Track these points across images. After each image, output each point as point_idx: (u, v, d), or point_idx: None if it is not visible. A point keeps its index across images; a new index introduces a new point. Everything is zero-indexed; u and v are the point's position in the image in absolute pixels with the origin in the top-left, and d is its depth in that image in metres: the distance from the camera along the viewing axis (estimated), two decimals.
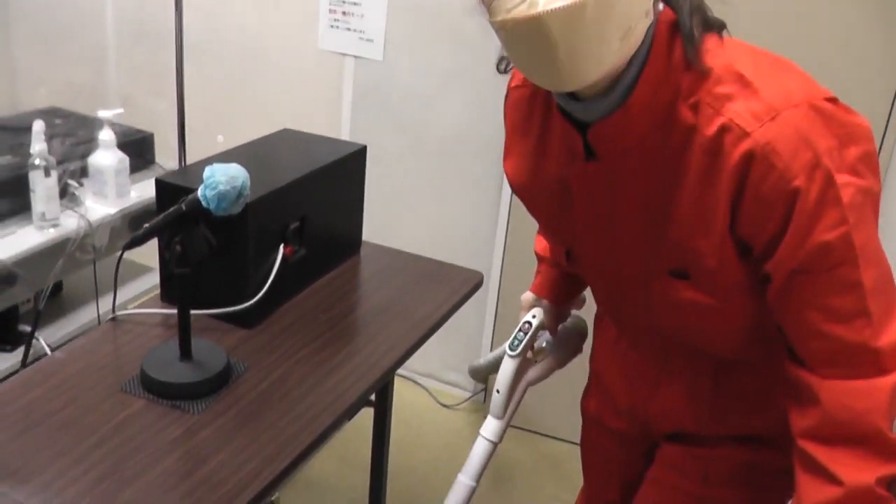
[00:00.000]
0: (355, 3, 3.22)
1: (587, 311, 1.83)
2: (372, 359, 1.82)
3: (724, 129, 1.15)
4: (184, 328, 1.65)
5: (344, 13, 3.25)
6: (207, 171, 1.57)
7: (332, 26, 3.29)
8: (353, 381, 1.73)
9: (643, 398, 1.58)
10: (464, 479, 1.70)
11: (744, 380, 1.45)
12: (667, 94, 1.19)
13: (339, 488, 2.88)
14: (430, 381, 3.48)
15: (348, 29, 3.26)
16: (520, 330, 1.71)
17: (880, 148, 2.58)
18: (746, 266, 1.23)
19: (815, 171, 1.11)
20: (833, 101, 1.16)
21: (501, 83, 2.94)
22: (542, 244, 1.80)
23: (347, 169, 2.16)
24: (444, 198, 3.29)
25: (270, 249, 1.90)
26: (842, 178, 1.12)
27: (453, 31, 3.09)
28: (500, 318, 3.23)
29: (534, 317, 1.72)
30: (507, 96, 1.56)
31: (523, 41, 1.09)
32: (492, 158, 3.12)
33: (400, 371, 3.17)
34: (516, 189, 1.54)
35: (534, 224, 2.99)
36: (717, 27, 1.22)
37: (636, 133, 1.22)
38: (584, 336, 1.85)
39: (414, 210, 3.36)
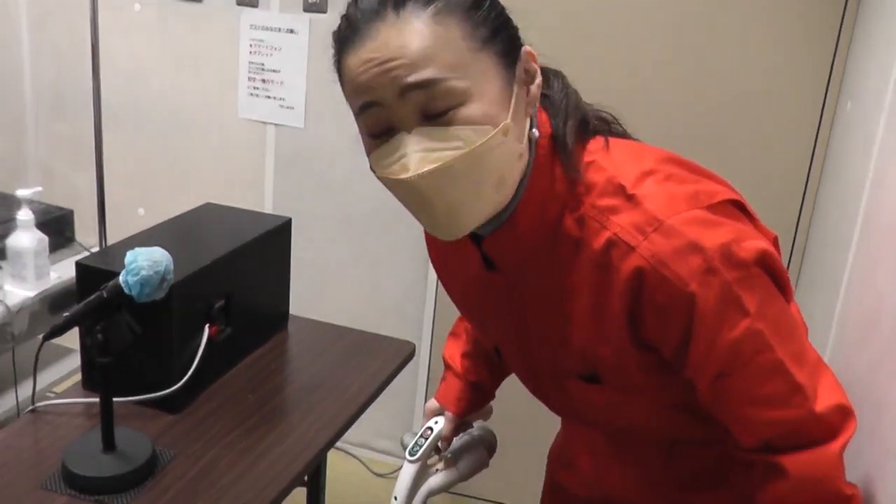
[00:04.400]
0: (274, 71, 3.22)
1: None
2: (305, 439, 1.78)
3: (610, 244, 1.15)
4: (106, 419, 1.60)
5: (263, 80, 3.24)
6: (129, 256, 1.53)
7: (251, 94, 3.28)
8: (285, 464, 1.69)
9: (603, 471, 1.55)
10: None
11: (696, 457, 1.42)
12: (552, 209, 1.19)
13: None
14: (362, 450, 3.43)
15: (268, 97, 3.25)
16: (420, 436, 1.68)
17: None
18: (655, 365, 1.23)
19: (706, 275, 1.11)
20: (723, 203, 1.17)
21: None
22: (450, 350, 1.77)
23: (272, 243, 2.13)
24: (371, 265, 3.27)
25: (195, 330, 1.86)
26: (733, 274, 1.11)
27: None
28: (431, 384, 3.21)
29: (435, 422, 1.69)
30: None
31: (402, 195, 1.15)
32: (418, 224, 3.12)
33: None
34: (446, 288, 1.52)
35: None
36: (599, 131, 1.24)
37: (526, 246, 1.22)
38: (492, 449, 1.79)
39: (341, 279, 3.33)
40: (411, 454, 1.64)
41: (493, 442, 1.79)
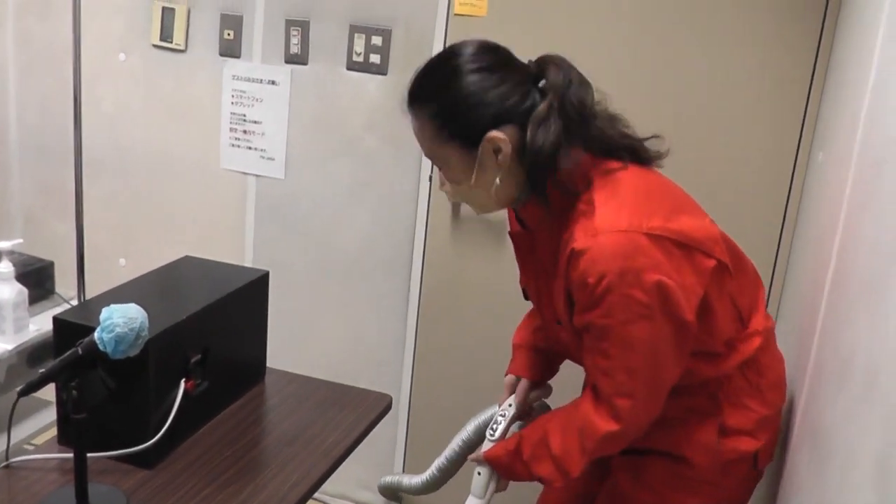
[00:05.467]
0: (256, 122, 3.25)
1: None
2: (280, 492, 1.78)
3: (570, 233, 1.64)
4: (80, 475, 1.60)
5: (245, 131, 3.27)
6: (105, 313, 1.54)
7: (232, 145, 3.30)
8: None
9: None
10: None
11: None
12: (560, 201, 1.68)
13: None
14: (342, 502, 3.41)
15: (249, 147, 3.28)
16: (500, 414, 1.94)
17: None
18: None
19: (602, 279, 1.57)
20: (658, 237, 1.60)
21: (404, 197, 3.00)
22: (518, 335, 2.15)
23: (250, 296, 2.14)
24: (351, 316, 3.28)
25: (171, 385, 1.86)
26: (622, 291, 1.58)
27: (354, 147, 3.12)
28: (411, 434, 3.21)
29: (510, 405, 1.95)
30: None
31: None
32: (398, 272, 3.13)
33: None
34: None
35: (442, 339, 3.00)
36: (617, 157, 1.73)
37: (536, 218, 1.76)
38: None
39: (321, 329, 3.33)
40: (491, 433, 1.90)
41: None
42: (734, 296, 1.80)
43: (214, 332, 1.99)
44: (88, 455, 1.61)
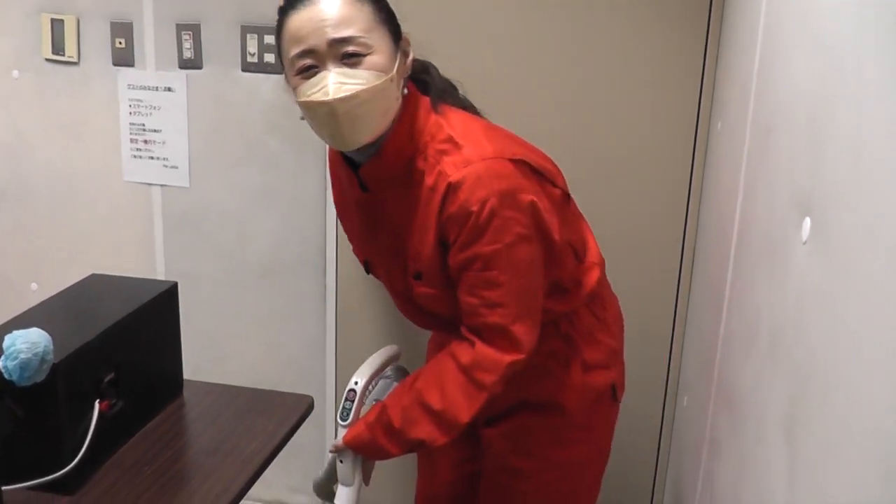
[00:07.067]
0: (155, 130, 3.19)
1: None
2: None
3: (439, 174, 1.71)
4: None
5: (145, 141, 3.21)
6: (7, 340, 1.52)
7: (134, 156, 3.24)
8: None
9: None
10: None
11: None
12: (407, 149, 1.76)
13: None
14: None
15: (151, 157, 3.22)
16: (346, 399, 1.89)
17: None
18: (445, 265, 1.78)
19: (485, 204, 1.66)
20: (520, 161, 1.73)
21: (311, 198, 2.97)
22: None
23: (159, 309, 2.10)
24: (268, 320, 3.24)
25: (85, 407, 1.82)
26: (504, 214, 1.67)
27: (256, 150, 3.08)
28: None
29: (356, 383, 1.92)
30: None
31: (318, 116, 1.68)
32: (312, 273, 3.11)
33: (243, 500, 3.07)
34: (340, 217, 2.10)
35: (362, 335, 3.00)
36: (446, 100, 1.84)
37: (388, 174, 1.78)
38: None
39: (239, 337, 3.29)
40: (343, 419, 1.87)
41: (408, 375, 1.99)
42: (570, 229, 1.91)
43: (126, 350, 1.96)
44: (5, 487, 1.58)
